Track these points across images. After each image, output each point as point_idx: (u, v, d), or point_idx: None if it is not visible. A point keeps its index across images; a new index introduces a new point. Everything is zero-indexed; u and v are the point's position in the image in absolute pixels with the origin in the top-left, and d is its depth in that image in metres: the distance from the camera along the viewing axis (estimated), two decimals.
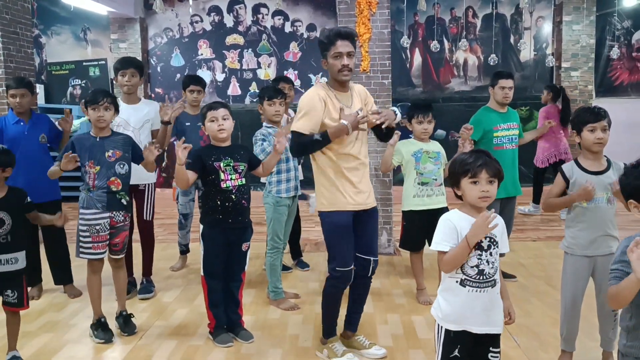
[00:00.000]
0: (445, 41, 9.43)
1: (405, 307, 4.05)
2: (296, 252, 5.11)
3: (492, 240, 2.23)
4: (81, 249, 3.50)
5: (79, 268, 4.23)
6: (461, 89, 9.51)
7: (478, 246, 2.19)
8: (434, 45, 7.93)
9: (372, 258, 3.19)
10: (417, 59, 9.52)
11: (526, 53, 9.37)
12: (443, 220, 2.27)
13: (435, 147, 4.10)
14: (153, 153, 3.57)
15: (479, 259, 2.20)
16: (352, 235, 3.11)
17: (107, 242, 3.53)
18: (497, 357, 2.29)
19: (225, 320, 3.52)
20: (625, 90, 9.38)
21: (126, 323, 3.63)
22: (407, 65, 9.51)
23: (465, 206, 2.28)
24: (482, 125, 4.36)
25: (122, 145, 3.56)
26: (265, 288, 4.27)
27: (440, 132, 9.30)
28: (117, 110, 3.60)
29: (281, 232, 4.08)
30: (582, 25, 9.02)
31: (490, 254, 2.21)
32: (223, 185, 3.33)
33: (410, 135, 4.15)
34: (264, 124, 4.11)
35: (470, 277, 2.20)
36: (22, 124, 4.21)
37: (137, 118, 4.27)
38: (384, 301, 4.17)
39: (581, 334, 3.09)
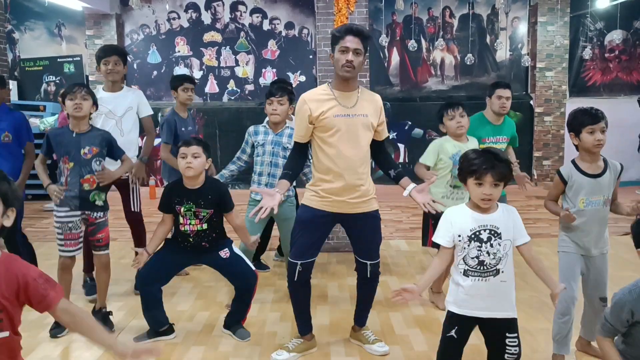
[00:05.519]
0: (423, 40, 9.51)
1: (382, 303, 4.07)
2: (259, 252, 4.89)
3: (493, 232, 2.32)
4: (57, 246, 3.54)
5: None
6: (438, 88, 9.60)
7: (477, 238, 2.31)
8: (412, 44, 7.98)
9: (368, 262, 3.16)
10: (395, 58, 9.59)
11: (502, 53, 9.50)
12: (445, 213, 2.44)
13: (475, 146, 3.79)
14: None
15: (478, 250, 2.32)
16: (316, 232, 3.10)
17: (80, 240, 3.54)
18: (515, 342, 2.37)
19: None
20: (598, 91, 9.57)
21: (104, 321, 3.59)
22: (385, 64, 9.57)
23: (471, 202, 2.41)
24: (474, 132, 4.12)
25: (100, 142, 3.51)
26: None
27: (418, 131, 9.39)
28: (95, 104, 3.51)
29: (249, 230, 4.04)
30: (557, 26, 9.18)
31: (491, 245, 2.31)
32: (182, 228, 3.34)
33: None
34: (265, 121, 4.06)
35: (472, 267, 2.34)
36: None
37: (120, 106, 4.18)
38: None
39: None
